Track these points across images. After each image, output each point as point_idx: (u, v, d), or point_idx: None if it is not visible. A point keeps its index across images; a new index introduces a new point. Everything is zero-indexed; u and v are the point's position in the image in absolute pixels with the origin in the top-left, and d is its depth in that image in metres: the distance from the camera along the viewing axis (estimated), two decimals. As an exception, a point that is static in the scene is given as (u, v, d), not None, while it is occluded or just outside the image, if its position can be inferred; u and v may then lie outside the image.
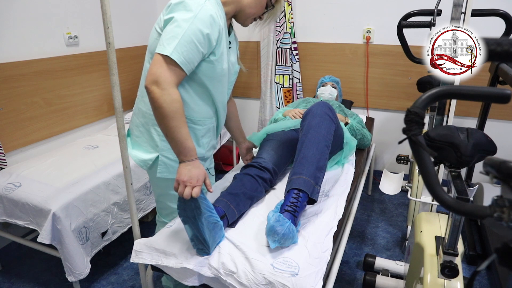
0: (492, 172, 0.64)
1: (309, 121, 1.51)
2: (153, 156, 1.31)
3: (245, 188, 1.42)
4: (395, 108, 2.86)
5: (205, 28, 1.12)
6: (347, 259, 2.12)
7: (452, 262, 1.09)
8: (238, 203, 1.34)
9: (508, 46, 0.57)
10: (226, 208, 1.29)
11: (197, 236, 1.13)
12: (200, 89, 1.26)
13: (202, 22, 1.11)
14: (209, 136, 1.41)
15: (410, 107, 0.68)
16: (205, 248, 1.15)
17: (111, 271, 2.03)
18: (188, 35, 1.09)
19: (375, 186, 2.81)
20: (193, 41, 1.10)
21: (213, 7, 1.16)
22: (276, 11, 1.37)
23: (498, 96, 0.66)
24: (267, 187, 1.54)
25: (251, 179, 1.47)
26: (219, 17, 1.18)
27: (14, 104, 2.08)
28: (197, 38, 1.11)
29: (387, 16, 2.61)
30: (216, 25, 1.16)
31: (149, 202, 2.15)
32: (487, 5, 1.75)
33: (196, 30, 1.10)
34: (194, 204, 1.09)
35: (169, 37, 1.09)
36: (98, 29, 2.54)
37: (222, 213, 1.26)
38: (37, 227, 1.70)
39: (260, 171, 1.51)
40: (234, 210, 1.32)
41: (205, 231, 1.11)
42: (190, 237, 1.16)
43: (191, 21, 1.09)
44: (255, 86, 3.18)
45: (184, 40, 1.09)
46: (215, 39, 1.17)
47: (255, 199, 1.46)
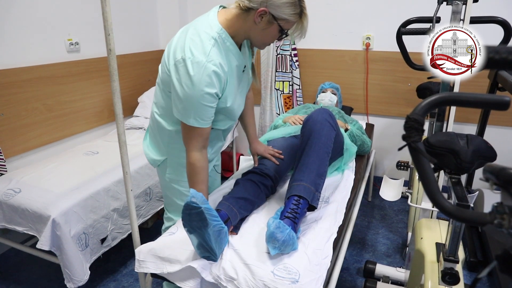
0: (492, 178, 0.63)
1: (310, 127, 1.51)
2: (162, 158, 1.43)
3: (248, 193, 1.42)
4: (395, 114, 2.87)
5: (211, 88, 1.17)
6: (348, 266, 2.11)
7: (453, 269, 1.09)
8: (240, 207, 1.34)
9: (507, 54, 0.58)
10: (229, 211, 1.29)
11: (203, 245, 1.12)
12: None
13: (207, 84, 1.16)
14: (214, 143, 1.47)
15: (409, 114, 0.68)
16: (212, 256, 1.15)
17: (110, 278, 2.02)
18: (199, 102, 1.18)
19: (375, 192, 2.81)
20: (204, 105, 1.19)
21: (217, 57, 1.17)
22: (302, 29, 1.27)
23: (497, 103, 0.66)
24: (268, 194, 1.54)
25: (253, 185, 1.47)
26: (224, 65, 1.20)
27: (14, 110, 2.08)
28: (206, 100, 1.19)
29: (387, 23, 2.62)
30: (221, 79, 1.19)
31: (149, 208, 2.15)
32: (486, 13, 1.76)
33: (204, 95, 1.17)
34: (199, 217, 1.08)
35: (183, 106, 1.20)
36: (99, 36, 2.55)
37: (226, 217, 1.26)
38: (37, 233, 1.70)
39: (262, 177, 1.51)
40: (237, 213, 1.32)
41: (211, 240, 1.10)
42: (195, 246, 1.15)
43: (196, 89, 1.15)
44: (255, 93, 3.17)
45: (196, 107, 1.18)
46: (221, 90, 1.22)
47: (256, 205, 1.46)
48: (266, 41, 1.28)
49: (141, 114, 2.76)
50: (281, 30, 1.22)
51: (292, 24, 1.23)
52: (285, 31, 1.24)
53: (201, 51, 1.14)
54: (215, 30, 1.19)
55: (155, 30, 3.15)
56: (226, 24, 1.21)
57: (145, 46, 3.00)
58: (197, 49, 1.14)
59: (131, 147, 1.52)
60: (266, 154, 1.62)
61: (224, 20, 1.22)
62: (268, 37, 1.25)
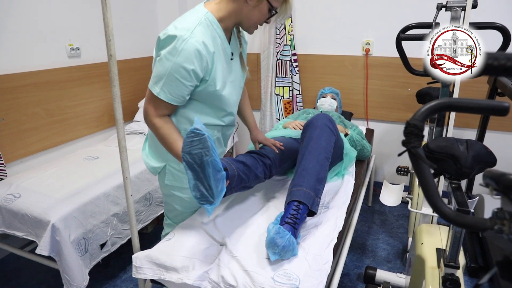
0: (491, 184, 0.63)
1: (310, 133, 1.51)
2: (161, 165, 1.42)
3: (247, 161, 1.42)
4: (395, 119, 2.87)
5: (189, 64, 1.16)
6: (348, 271, 2.10)
7: (454, 275, 1.08)
8: (239, 168, 1.34)
9: (505, 60, 0.58)
10: (228, 165, 1.29)
11: (202, 181, 1.06)
12: (200, 104, 1.32)
13: (186, 58, 1.15)
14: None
15: (409, 120, 0.68)
16: (209, 196, 1.08)
17: (109, 283, 2.01)
18: (172, 74, 1.17)
19: (376, 198, 2.80)
20: (177, 79, 1.18)
21: (202, 35, 1.18)
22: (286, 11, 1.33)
23: (496, 108, 0.66)
24: (267, 172, 1.52)
25: (253, 158, 1.48)
26: (209, 44, 1.19)
27: (15, 115, 2.09)
28: (181, 75, 1.17)
29: (386, 28, 2.64)
30: (202, 58, 1.18)
31: (149, 214, 2.14)
32: (485, 19, 1.77)
33: (179, 68, 1.16)
34: (202, 144, 1.03)
35: (156, 75, 1.19)
36: (100, 41, 2.56)
37: (224, 166, 1.21)
38: (36, 239, 1.69)
39: (261, 156, 1.52)
40: (235, 171, 1.30)
41: (210, 175, 1.05)
42: (191, 186, 1.08)
43: (174, 59, 1.15)
44: (255, 98, 3.20)
45: (168, 79, 1.18)
46: (202, 70, 1.21)
47: (254, 175, 1.42)
48: (255, 21, 1.29)
49: (142, 119, 2.76)
50: (270, 9, 1.27)
51: (279, 1, 1.28)
52: (274, 8, 1.27)
53: (184, 27, 1.16)
54: (202, 13, 1.22)
55: (155, 36, 3.14)
56: (214, 9, 1.24)
57: (145, 51, 3.01)
58: (181, 25, 1.17)
59: (131, 152, 1.52)
60: (267, 142, 1.63)
61: (211, 7, 1.25)
62: (258, 16, 1.27)
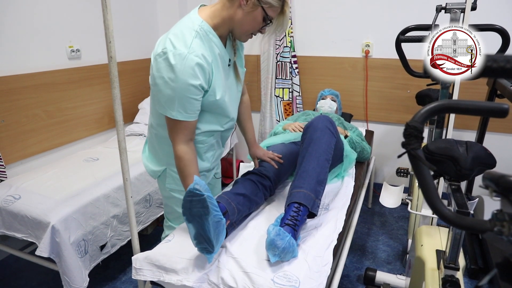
0: (491, 186, 0.64)
1: (310, 135, 1.51)
2: (161, 169, 1.43)
3: (246, 191, 1.42)
4: (395, 121, 2.88)
5: (195, 80, 1.16)
6: (348, 273, 2.10)
7: (454, 277, 1.08)
8: (238, 202, 1.34)
9: (504, 62, 0.58)
10: (227, 205, 1.29)
11: (201, 234, 1.09)
12: (203, 113, 1.32)
13: (190, 76, 1.15)
14: (213, 150, 1.46)
15: (409, 121, 0.68)
16: (209, 247, 1.11)
17: (109, 285, 2.01)
18: (182, 94, 1.17)
19: (375, 199, 2.80)
20: (188, 97, 1.18)
21: (200, 48, 1.17)
22: (282, 24, 1.28)
23: (496, 110, 0.67)
24: (267, 195, 1.54)
25: (252, 183, 1.48)
26: (207, 56, 1.19)
27: (15, 117, 2.09)
28: (190, 92, 1.18)
29: (386, 30, 2.64)
30: (205, 70, 1.18)
31: (149, 215, 2.14)
32: (484, 21, 1.77)
33: (187, 87, 1.16)
34: (201, 204, 1.06)
35: (166, 100, 1.19)
36: (100, 43, 2.56)
37: (224, 209, 1.25)
38: (36, 240, 1.69)
39: (261, 178, 1.52)
40: (235, 208, 1.31)
41: (210, 230, 1.08)
42: (193, 236, 1.12)
43: (179, 81, 1.15)
44: (255, 99, 3.20)
45: (180, 100, 1.18)
46: (206, 82, 1.21)
47: (254, 203, 1.45)
48: (248, 29, 1.25)
49: (141, 121, 2.76)
50: (264, 18, 1.22)
51: (275, 11, 1.23)
52: (268, 18, 1.23)
53: (182, 43, 1.15)
54: (196, 23, 1.20)
55: (155, 37, 3.16)
56: (208, 16, 1.23)
57: (146, 53, 3.01)
58: (178, 41, 1.15)
59: (131, 154, 1.52)
60: (265, 158, 1.62)
61: (205, 14, 1.23)
62: (251, 24, 1.23)
